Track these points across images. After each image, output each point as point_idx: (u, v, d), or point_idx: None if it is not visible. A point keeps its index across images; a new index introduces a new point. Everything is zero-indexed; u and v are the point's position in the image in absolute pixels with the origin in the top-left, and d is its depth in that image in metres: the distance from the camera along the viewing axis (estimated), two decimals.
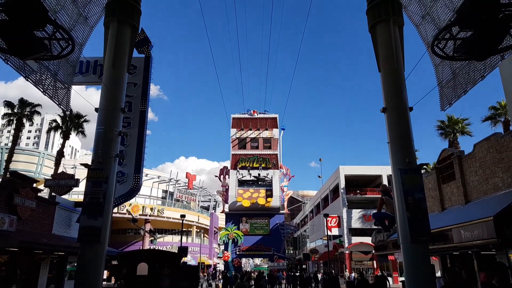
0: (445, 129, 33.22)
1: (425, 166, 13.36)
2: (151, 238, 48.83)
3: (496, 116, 28.64)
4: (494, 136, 16.12)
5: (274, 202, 47.30)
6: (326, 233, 37.17)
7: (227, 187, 49.64)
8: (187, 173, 68.28)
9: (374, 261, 41.08)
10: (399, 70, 12.52)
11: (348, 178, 46.52)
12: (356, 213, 44.47)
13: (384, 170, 44.60)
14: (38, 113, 37.39)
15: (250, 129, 50.29)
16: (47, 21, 8.10)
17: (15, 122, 35.66)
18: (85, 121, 38.81)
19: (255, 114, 51.50)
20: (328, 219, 38.21)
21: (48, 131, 42.46)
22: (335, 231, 43.85)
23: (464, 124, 32.60)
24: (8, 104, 35.50)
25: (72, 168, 53.50)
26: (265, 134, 50.22)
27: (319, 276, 35.39)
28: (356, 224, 44.11)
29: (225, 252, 47.58)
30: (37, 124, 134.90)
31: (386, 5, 12.70)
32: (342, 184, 45.55)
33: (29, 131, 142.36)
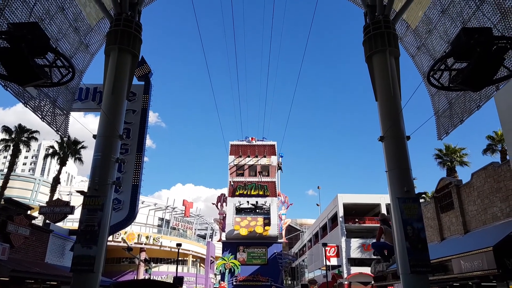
0: (443, 158, 33.31)
1: (423, 195, 13.28)
2: (146, 268, 47.67)
3: (493, 145, 28.83)
4: (492, 166, 16.14)
5: (272, 230, 46.60)
6: (324, 263, 36.41)
7: (224, 215, 49.04)
8: (184, 200, 67.63)
9: None
10: (396, 99, 12.67)
11: (347, 207, 46.12)
12: (355, 242, 43.78)
13: (383, 199, 44.30)
14: (36, 139, 37.39)
15: (248, 156, 50.25)
16: (49, 49, 8.23)
17: (11, 148, 35.57)
18: (83, 147, 38.79)
19: (253, 141, 51.64)
20: (326, 248, 37.55)
21: (45, 157, 42.31)
22: (334, 261, 43.00)
23: (461, 153, 32.72)
24: (6, 129, 35.55)
25: (68, 194, 52.94)
26: (263, 161, 50.13)
27: None
28: (355, 253, 43.33)
29: (222, 282, 46.34)
30: (34, 150, 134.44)
31: (382, 37, 13.01)
32: (341, 213, 45.09)
33: (26, 157, 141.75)
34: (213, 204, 52.39)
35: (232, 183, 49.23)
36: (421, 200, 16.14)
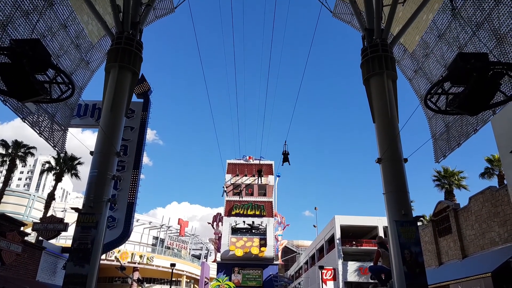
0: (441, 180, 33.27)
1: (421, 218, 13.18)
2: None
3: (491, 169, 28.87)
4: (489, 190, 16.12)
5: (268, 252, 45.95)
6: (321, 287, 35.75)
7: (219, 235, 48.40)
8: (179, 219, 66.88)
9: None
10: (393, 121, 12.73)
11: (344, 229, 45.64)
12: (352, 265, 43.12)
13: (380, 221, 43.91)
14: (32, 154, 37.22)
15: (245, 175, 50.05)
16: (50, 65, 8.29)
17: (8, 163, 35.35)
18: (79, 163, 38.57)
19: (251, 160, 51.51)
20: (323, 271, 36.93)
21: (41, 173, 41.95)
22: (330, 285, 42.19)
23: (460, 177, 32.71)
24: (2, 144, 35.41)
25: (62, 211, 52.30)
26: (261, 180, 49.89)
27: None
28: (352, 277, 42.60)
29: None
30: (30, 165, 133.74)
31: (379, 60, 13.18)
32: (338, 235, 44.60)
33: (21, 172, 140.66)
34: (209, 223, 51.80)
35: (228, 202, 48.82)
36: (419, 224, 16.03)
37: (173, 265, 36.43)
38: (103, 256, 41.52)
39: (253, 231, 47.80)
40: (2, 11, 11.30)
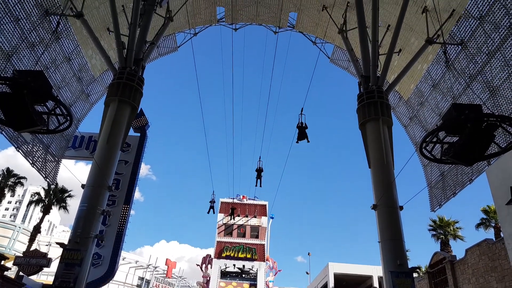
0: (437, 230, 32.80)
1: (417, 270, 12.82)
2: None
3: (487, 221, 28.59)
4: (485, 242, 15.86)
5: None
6: None
7: (208, 278, 46.63)
8: (167, 259, 64.69)
9: None
10: (389, 167, 12.73)
11: (338, 277, 44.23)
12: None
13: (375, 270, 42.68)
14: (22, 184, 36.58)
15: (238, 215, 49.16)
16: (50, 97, 8.31)
17: None
18: (69, 196, 37.82)
19: (245, 199, 50.79)
20: None
21: (29, 204, 41.01)
22: None
23: (455, 227, 32.30)
24: None
25: (47, 245, 50.57)
26: (253, 221, 48.91)
27: None
28: None
29: None
30: (18, 195, 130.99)
31: (375, 105, 13.40)
32: (331, 283, 43.15)
33: (9, 202, 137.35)
34: (197, 265, 50.09)
35: (219, 243, 47.56)
36: (415, 275, 15.59)
37: None
38: None
39: (244, 275, 46.16)
40: (9, 42, 11.54)
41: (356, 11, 14.22)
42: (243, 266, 46.11)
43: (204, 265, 49.06)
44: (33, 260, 23.00)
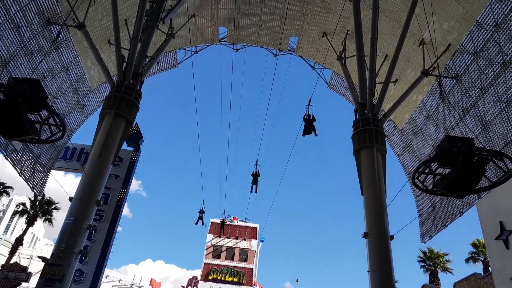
0: (426, 262, 32.54)
1: None
2: None
3: (476, 255, 28.47)
4: (474, 277, 15.73)
5: None
6: None
7: None
8: (152, 279, 63.00)
9: None
10: (381, 196, 12.69)
11: None
12: None
13: None
14: (7, 193, 35.83)
15: (228, 237, 48.38)
16: (45, 106, 8.21)
17: None
18: (56, 208, 37.04)
19: (235, 221, 50.12)
20: None
21: (14, 214, 40.05)
22: None
23: (445, 259, 32.09)
24: None
25: (28, 258, 49.06)
26: (243, 244, 48.13)
27: None
28: None
29: None
30: (3, 204, 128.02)
31: (370, 133, 13.47)
32: None
33: None
34: (183, 287, 48.93)
35: (206, 264, 46.63)
36: None
37: None
38: None
39: None
40: (7, 49, 11.53)
41: (355, 39, 14.51)
42: None
43: (189, 287, 47.91)
44: (11, 274, 22.23)
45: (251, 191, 21.04)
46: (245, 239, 48.45)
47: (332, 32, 18.47)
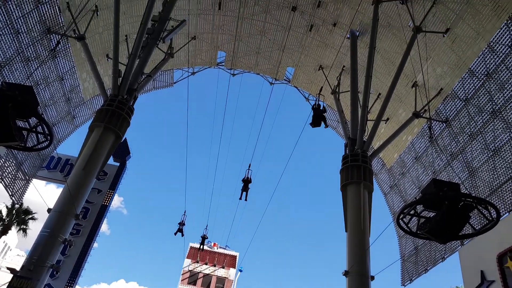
0: None
1: None
2: None
3: None
4: None
5: None
6: None
7: None
8: None
9: None
10: (365, 234, 12.58)
11: None
12: None
13: None
14: None
15: (206, 264, 47.10)
16: (35, 114, 8.10)
17: None
18: (32, 218, 35.82)
19: (215, 247, 48.95)
20: None
21: None
22: None
23: None
24: None
25: None
26: (221, 272, 46.83)
27: None
28: None
29: None
30: None
31: (358, 169, 13.49)
32: None
33: None
34: None
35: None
36: None
37: None
38: None
39: None
40: (4, 53, 11.46)
41: (350, 75, 14.81)
42: None
43: None
44: None
45: (240, 198, 19.57)
46: (223, 267, 47.19)
47: (328, 66, 18.89)
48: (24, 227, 35.10)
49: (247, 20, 18.92)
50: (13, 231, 36.51)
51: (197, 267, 46.54)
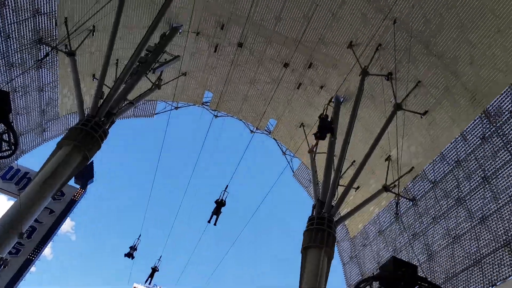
0: None
1: None
2: None
3: None
4: None
5: None
6: None
7: None
8: None
9: None
10: None
11: None
12: None
13: None
14: None
15: None
16: (4, 121, 7.80)
17: None
18: None
19: None
20: None
21: None
22: None
23: None
24: None
25: None
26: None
27: None
28: None
29: None
30: None
31: (322, 233, 13.33)
32: None
33: None
34: None
35: None
36: None
37: None
38: None
39: None
40: None
41: (329, 139, 15.12)
42: None
43: None
44: None
45: (209, 222, 17.58)
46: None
47: (309, 125, 19.33)
48: None
49: (240, 67, 19.43)
50: None
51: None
